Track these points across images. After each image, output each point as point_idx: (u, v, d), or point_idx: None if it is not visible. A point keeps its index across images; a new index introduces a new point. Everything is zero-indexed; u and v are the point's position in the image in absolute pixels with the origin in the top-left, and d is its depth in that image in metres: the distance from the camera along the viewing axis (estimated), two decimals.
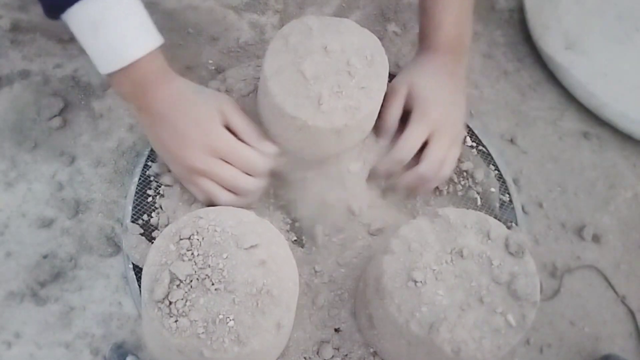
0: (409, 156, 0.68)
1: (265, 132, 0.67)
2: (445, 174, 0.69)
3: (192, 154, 0.62)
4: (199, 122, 0.62)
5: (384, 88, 0.65)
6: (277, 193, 0.71)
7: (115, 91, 0.70)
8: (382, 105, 0.68)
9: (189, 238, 0.53)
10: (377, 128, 0.70)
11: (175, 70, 0.65)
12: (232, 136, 0.63)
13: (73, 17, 0.58)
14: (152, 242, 0.59)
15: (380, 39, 0.68)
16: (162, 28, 0.65)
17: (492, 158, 0.78)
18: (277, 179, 0.69)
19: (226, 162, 0.63)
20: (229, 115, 0.64)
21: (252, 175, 0.64)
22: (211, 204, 0.64)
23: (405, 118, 0.70)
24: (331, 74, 0.64)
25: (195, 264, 0.52)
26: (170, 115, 0.62)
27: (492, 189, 0.74)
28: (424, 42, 0.74)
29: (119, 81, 0.62)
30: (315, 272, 0.66)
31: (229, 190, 0.64)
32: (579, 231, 0.76)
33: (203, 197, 0.65)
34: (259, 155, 0.64)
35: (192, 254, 0.52)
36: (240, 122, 0.64)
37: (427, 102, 0.69)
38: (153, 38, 0.61)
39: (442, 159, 0.68)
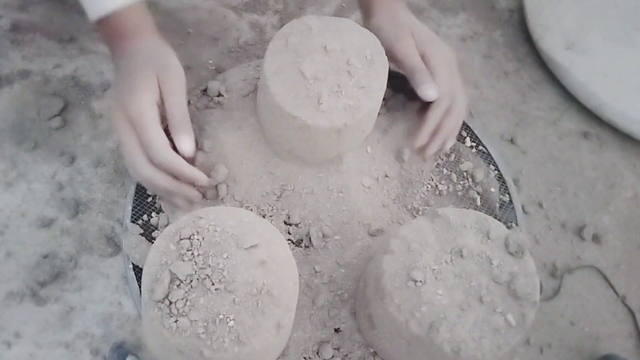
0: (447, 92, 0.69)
1: (265, 132, 0.67)
2: (450, 144, 0.72)
3: (115, 112, 0.62)
4: (131, 87, 0.61)
5: (384, 88, 0.65)
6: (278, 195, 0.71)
7: (100, 37, 0.72)
8: (395, 55, 0.69)
9: (189, 238, 0.53)
10: (416, 74, 0.69)
11: None
12: (149, 113, 0.60)
13: None
14: (152, 242, 0.59)
15: None
16: (162, 28, 0.65)
17: (492, 158, 0.78)
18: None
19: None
20: (164, 91, 0.62)
21: (152, 159, 0.61)
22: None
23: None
24: (331, 74, 0.64)
25: (196, 263, 0.52)
26: (120, 71, 0.64)
27: (492, 189, 0.74)
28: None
29: (101, 28, 0.64)
30: (315, 272, 0.66)
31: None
32: (579, 231, 0.76)
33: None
34: (161, 144, 0.60)
35: (192, 254, 0.52)
36: (171, 103, 0.62)
37: (434, 45, 0.70)
38: None
39: (453, 129, 0.70)
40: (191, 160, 0.64)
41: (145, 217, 0.67)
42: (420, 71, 0.68)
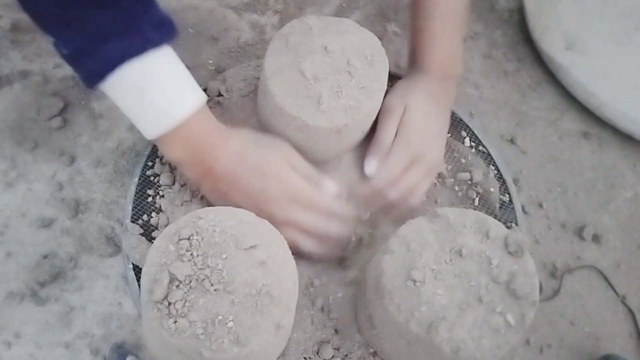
0: (388, 184, 0.67)
1: (265, 132, 0.67)
2: (413, 202, 0.69)
3: (277, 207, 0.60)
4: (276, 176, 0.60)
5: (384, 88, 0.65)
6: None
7: (168, 158, 0.65)
8: (378, 124, 0.69)
9: (189, 238, 0.53)
10: (372, 146, 0.69)
11: None
12: (309, 186, 0.62)
13: (115, 83, 0.55)
14: (152, 242, 0.59)
15: (380, 39, 0.68)
16: None
17: (492, 158, 0.78)
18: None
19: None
20: (293, 162, 0.63)
21: (332, 221, 0.63)
22: (299, 252, 0.62)
23: None
24: (331, 74, 0.64)
25: (195, 264, 0.52)
26: (241, 174, 0.60)
27: (492, 189, 0.74)
28: (417, 61, 0.72)
29: (171, 146, 0.59)
30: (315, 272, 0.66)
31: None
32: (579, 231, 0.76)
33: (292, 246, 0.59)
34: (332, 196, 0.64)
35: (192, 254, 0.52)
36: (304, 167, 0.64)
37: (414, 131, 0.68)
38: (199, 94, 0.59)
39: (412, 188, 0.68)
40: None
41: (145, 217, 0.67)
42: (375, 144, 0.69)
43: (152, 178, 0.69)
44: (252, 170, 0.60)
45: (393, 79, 0.78)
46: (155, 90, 0.55)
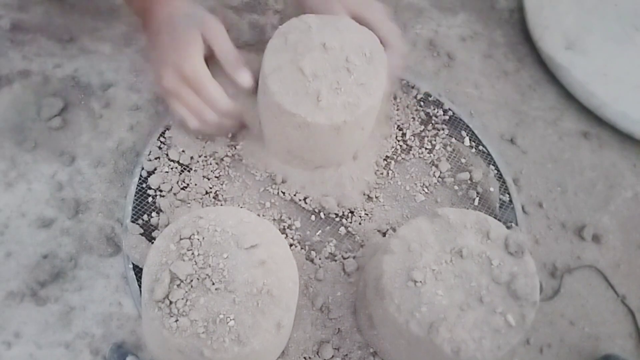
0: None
1: (265, 131, 0.67)
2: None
3: (167, 76, 0.65)
4: (177, 47, 0.65)
5: (383, 85, 0.66)
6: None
7: (131, 9, 0.74)
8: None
9: (189, 238, 0.53)
10: None
11: None
12: (202, 69, 0.65)
13: None
14: (152, 242, 0.59)
15: None
16: None
17: (492, 158, 0.78)
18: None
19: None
20: (211, 41, 0.66)
21: (214, 111, 0.66)
22: (185, 125, 0.68)
23: None
24: (330, 71, 0.64)
25: (196, 263, 0.52)
26: (159, 33, 0.66)
27: (492, 189, 0.74)
28: None
29: (131, 1, 0.69)
30: (315, 272, 0.66)
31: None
32: (579, 231, 0.76)
33: (176, 117, 0.68)
34: (221, 95, 0.66)
35: (193, 253, 0.52)
36: (220, 49, 0.66)
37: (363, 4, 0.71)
38: None
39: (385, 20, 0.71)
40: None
41: (145, 217, 0.67)
42: None
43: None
44: (167, 35, 0.66)
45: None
46: None
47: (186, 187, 0.68)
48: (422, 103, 0.81)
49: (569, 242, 0.76)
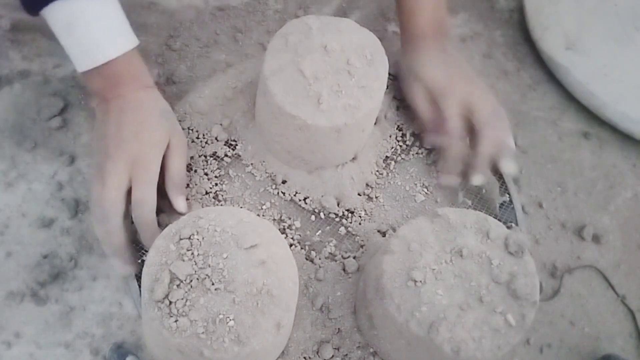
0: (457, 133, 0.70)
1: (265, 133, 0.67)
2: (504, 125, 0.71)
3: (117, 160, 0.60)
4: (143, 141, 0.61)
5: (384, 87, 0.66)
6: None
7: (85, 85, 0.71)
8: (417, 115, 0.72)
9: (189, 238, 0.53)
10: (428, 135, 0.73)
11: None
12: (155, 170, 0.61)
13: (49, 15, 0.60)
14: None
15: (380, 39, 0.68)
16: (162, 28, 0.65)
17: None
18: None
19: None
20: (172, 153, 0.63)
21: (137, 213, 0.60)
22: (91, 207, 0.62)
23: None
24: (331, 73, 0.64)
25: (196, 263, 0.52)
26: (127, 117, 0.62)
27: (492, 189, 0.74)
28: (407, 28, 0.75)
29: (91, 78, 0.63)
30: (315, 272, 0.66)
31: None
32: (579, 231, 0.76)
33: (91, 197, 0.61)
34: (153, 206, 0.60)
35: (192, 253, 0.52)
36: (174, 167, 0.63)
37: (443, 84, 0.71)
38: (126, 40, 0.62)
39: (493, 111, 0.70)
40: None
41: None
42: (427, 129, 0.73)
43: None
44: (136, 122, 0.62)
45: (394, 79, 0.79)
46: (82, 29, 0.60)
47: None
48: None
49: (569, 242, 0.76)
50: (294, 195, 0.70)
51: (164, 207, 0.64)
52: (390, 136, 0.76)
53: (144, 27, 0.81)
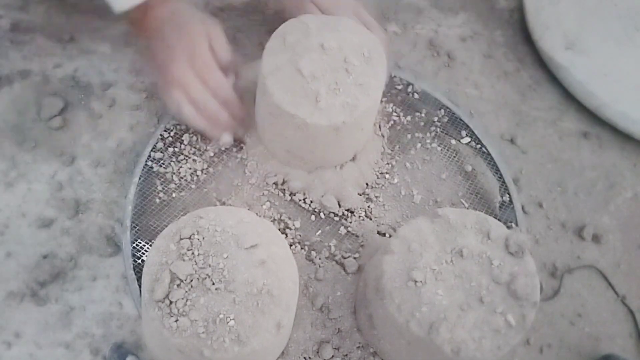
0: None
1: (264, 133, 0.67)
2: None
3: (176, 65, 0.67)
4: (187, 39, 0.67)
5: (382, 85, 0.66)
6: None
7: (126, 23, 0.76)
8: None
9: (190, 238, 0.53)
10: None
11: None
12: (211, 59, 0.68)
13: None
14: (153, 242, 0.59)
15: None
16: None
17: (492, 158, 0.78)
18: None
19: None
20: (213, 39, 0.69)
21: (217, 103, 0.68)
22: (179, 116, 0.69)
23: None
24: (329, 72, 0.64)
25: (196, 263, 0.52)
26: (163, 30, 0.68)
27: (492, 189, 0.74)
28: None
29: (132, 11, 0.69)
30: (315, 272, 0.66)
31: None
32: (579, 231, 0.76)
33: (174, 108, 0.68)
34: (225, 83, 0.69)
35: (193, 253, 0.52)
36: (220, 47, 0.69)
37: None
38: None
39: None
40: None
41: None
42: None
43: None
44: (173, 29, 0.68)
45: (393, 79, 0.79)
46: None
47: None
48: (422, 103, 0.81)
49: (569, 242, 0.76)
50: (294, 195, 0.70)
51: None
52: (389, 136, 0.76)
53: None
